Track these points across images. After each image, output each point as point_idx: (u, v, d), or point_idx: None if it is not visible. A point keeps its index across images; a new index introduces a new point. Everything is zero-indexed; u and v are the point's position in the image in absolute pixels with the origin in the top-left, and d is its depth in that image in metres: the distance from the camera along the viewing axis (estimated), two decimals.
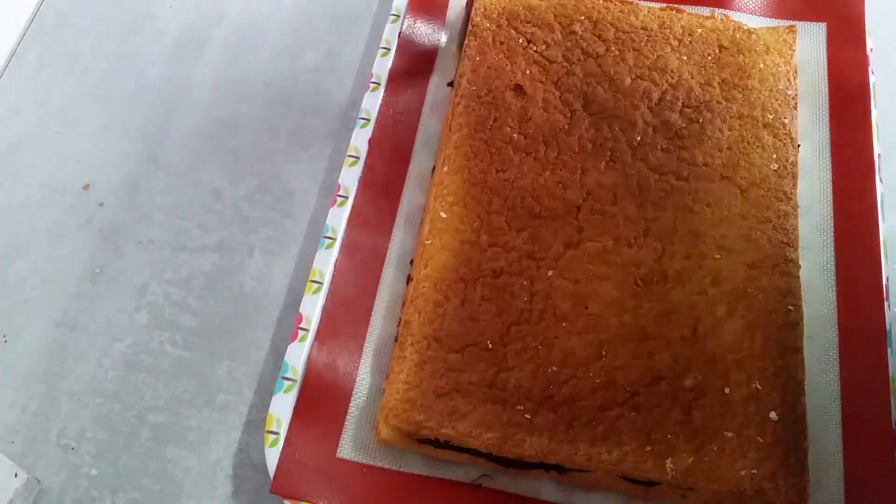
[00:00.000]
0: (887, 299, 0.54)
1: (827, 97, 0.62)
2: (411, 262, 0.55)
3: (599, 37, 0.62)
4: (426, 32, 0.65)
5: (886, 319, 0.53)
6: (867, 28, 0.64)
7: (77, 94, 0.67)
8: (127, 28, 0.70)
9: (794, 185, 0.56)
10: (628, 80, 0.60)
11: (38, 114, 0.66)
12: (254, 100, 0.66)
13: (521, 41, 0.62)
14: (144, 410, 0.54)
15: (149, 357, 0.56)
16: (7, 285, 0.59)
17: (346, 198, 0.57)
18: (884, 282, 0.54)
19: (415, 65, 0.63)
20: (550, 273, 0.53)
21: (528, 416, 0.49)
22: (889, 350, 0.52)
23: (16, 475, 0.50)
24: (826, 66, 0.63)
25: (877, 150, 0.58)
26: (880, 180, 0.58)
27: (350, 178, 0.57)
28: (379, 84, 0.61)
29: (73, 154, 0.64)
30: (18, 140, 0.64)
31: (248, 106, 0.66)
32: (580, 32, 0.62)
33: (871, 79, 0.61)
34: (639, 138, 0.58)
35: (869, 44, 0.63)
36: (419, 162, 0.60)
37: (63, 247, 0.60)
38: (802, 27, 0.65)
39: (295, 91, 0.66)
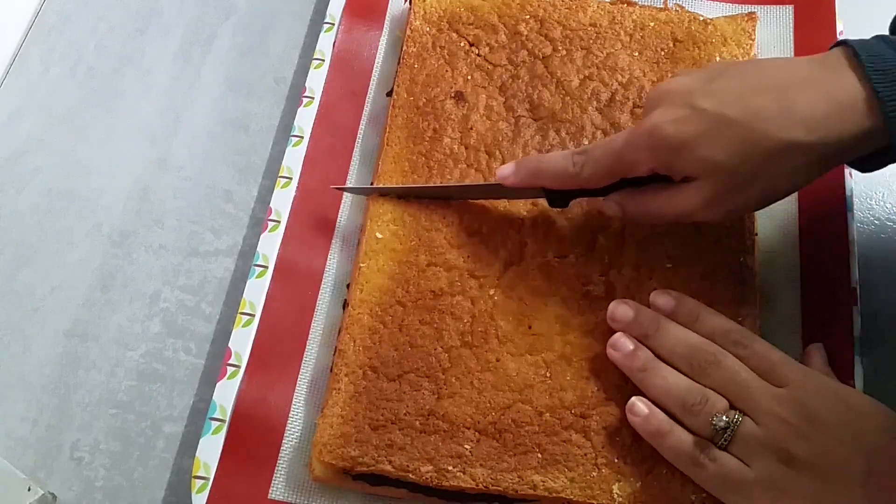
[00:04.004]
0: (856, 304, 0.55)
1: None
2: (348, 286, 0.57)
3: (546, 36, 0.64)
4: (364, 40, 0.67)
5: (855, 328, 0.54)
6: (836, 9, 0.65)
7: (82, 96, 0.69)
8: (131, 26, 0.73)
9: None
10: (576, 81, 0.62)
11: (43, 118, 0.68)
12: (265, 97, 0.68)
13: (462, 45, 0.64)
14: (159, 421, 0.56)
15: (163, 366, 0.58)
16: (16, 295, 0.61)
17: (279, 222, 0.58)
18: (854, 286, 0.55)
19: (351, 75, 0.65)
20: (492, 292, 0.55)
21: (468, 445, 0.50)
22: (856, 358, 0.53)
23: (29, 489, 0.52)
24: (793, 52, 0.64)
25: None
26: (850, 174, 0.59)
27: (283, 200, 0.59)
28: (313, 98, 0.63)
29: (79, 159, 0.66)
30: (24, 145, 0.67)
31: (258, 104, 0.68)
32: (526, 33, 0.64)
33: None
34: (587, 142, 0.59)
35: (839, 26, 0.64)
36: (357, 179, 0.61)
37: (72, 254, 0.62)
38: (768, 11, 0.66)
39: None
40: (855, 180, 0.59)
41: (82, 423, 0.57)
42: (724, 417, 0.46)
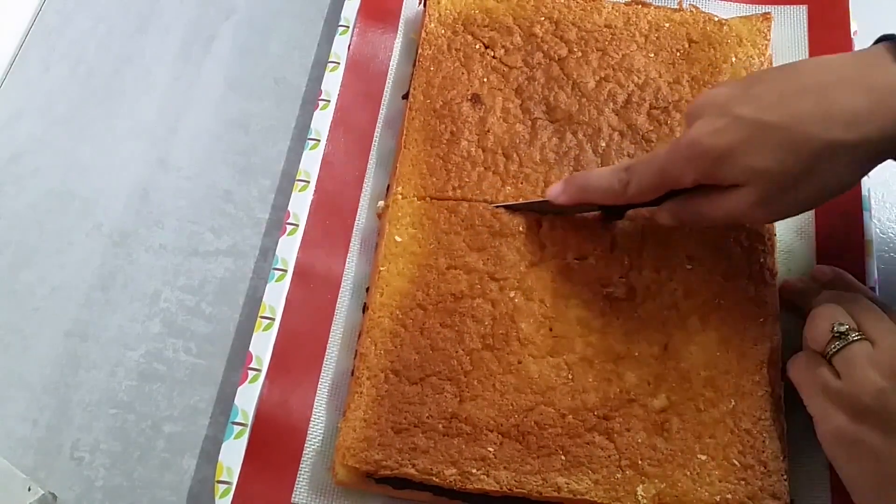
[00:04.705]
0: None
1: None
2: (367, 289, 0.57)
3: (561, 38, 0.64)
4: (378, 43, 0.67)
5: None
6: (850, 9, 0.65)
7: (82, 96, 0.70)
8: (132, 26, 0.73)
9: None
10: (592, 83, 0.62)
11: (44, 118, 0.69)
12: (265, 97, 0.69)
13: (478, 47, 0.64)
14: (159, 420, 0.57)
15: (163, 366, 0.59)
16: (16, 295, 0.62)
17: (297, 225, 0.59)
18: (871, 286, 0.56)
19: (367, 78, 0.65)
20: (513, 294, 0.55)
21: (491, 448, 0.50)
22: None
23: (29, 489, 0.53)
24: (808, 52, 0.65)
25: None
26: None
27: (300, 203, 0.60)
28: (329, 101, 0.63)
29: (79, 159, 0.67)
30: (24, 146, 0.68)
31: (259, 104, 0.69)
32: (541, 34, 0.64)
33: None
34: (604, 144, 0.60)
35: (853, 26, 0.65)
36: (374, 182, 0.62)
37: (72, 254, 0.63)
38: (782, 11, 0.67)
39: (308, 86, 0.69)
40: (871, 180, 0.59)
41: (82, 423, 0.57)
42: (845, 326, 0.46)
